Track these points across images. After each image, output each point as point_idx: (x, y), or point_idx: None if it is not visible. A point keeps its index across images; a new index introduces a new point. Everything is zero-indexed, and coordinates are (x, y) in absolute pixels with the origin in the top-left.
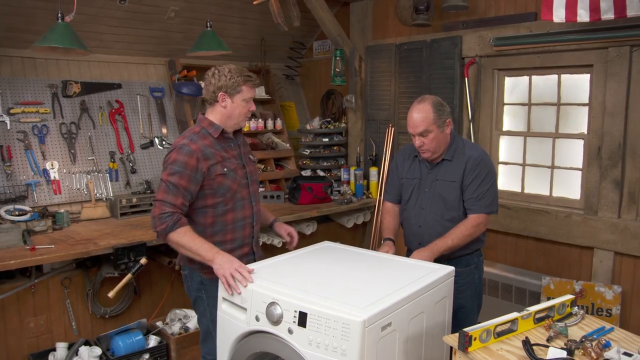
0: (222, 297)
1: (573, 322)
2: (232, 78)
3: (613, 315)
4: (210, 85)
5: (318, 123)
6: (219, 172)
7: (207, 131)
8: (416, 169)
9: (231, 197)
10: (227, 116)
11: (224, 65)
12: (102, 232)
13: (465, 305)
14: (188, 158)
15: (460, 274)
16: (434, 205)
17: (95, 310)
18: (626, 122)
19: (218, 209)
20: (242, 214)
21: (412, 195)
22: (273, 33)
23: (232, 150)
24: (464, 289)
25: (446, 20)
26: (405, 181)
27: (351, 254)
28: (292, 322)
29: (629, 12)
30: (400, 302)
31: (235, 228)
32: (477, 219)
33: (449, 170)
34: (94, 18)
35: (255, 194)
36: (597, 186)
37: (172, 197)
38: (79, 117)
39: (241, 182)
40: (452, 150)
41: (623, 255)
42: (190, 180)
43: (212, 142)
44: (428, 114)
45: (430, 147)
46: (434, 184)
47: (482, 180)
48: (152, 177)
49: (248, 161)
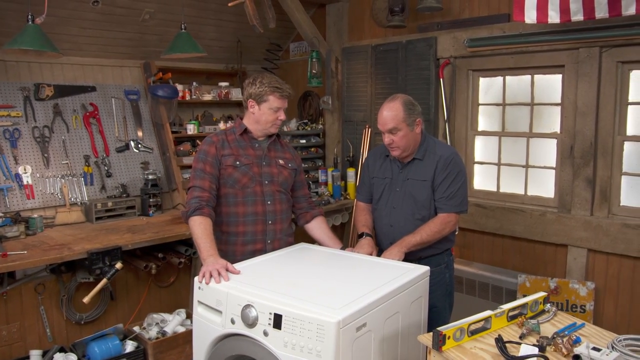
0: (197, 301)
1: (545, 319)
2: (261, 87)
3: (587, 311)
4: (245, 91)
5: (295, 125)
6: (229, 163)
7: (234, 129)
8: (387, 169)
9: (240, 190)
10: (255, 121)
11: (263, 74)
12: (77, 236)
13: (436, 304)
14: (209, 147)
15: (431, 273)
16: (405, 205)
17: (70, 316)
18: (597, 121)
19: (229, 199)
20: (253, 209)
21: (382, 195)
22: (249, 35)
23: (255, 150)
24: (435, 289)
25: (421, 21)
26: (376, 180)
27: (327, 255)
28: (268, 324)
29: (598, 14)
30: (375, 303)
31: (247, 222)
32: (447, 217)
33: (420, 169)
34: (67, 20)
35: (271, 194)
36: (570, 185)
37: (199, 181)
38: (52, 120)
39: (254, 178)
40: (422, 150)
41: (596, 252)
42: (212, 166)
43: (235, 139)
44: (398, 112)
45: (400, 144)
46: (405, 183)
47: (453, 180)
48: (128, 181)
49: (273, 164)
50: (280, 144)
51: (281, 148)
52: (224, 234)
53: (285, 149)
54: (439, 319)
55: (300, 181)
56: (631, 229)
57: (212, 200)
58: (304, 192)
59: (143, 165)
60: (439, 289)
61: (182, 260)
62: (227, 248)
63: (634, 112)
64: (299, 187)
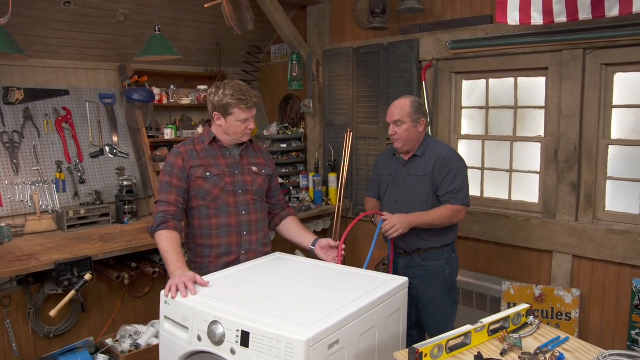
0: (163, 316)
1: (528, 333)
2: (224, 98)
3: (572, 318)
4: (208, 102)
5: (275, 129)
6: (199, 175)
7: (202, 138)
8: (392, 166)
9: (212, 201)
10: (224, 132)
11: (225, 82)
12: (46, 246)
13: (434, 299)
14: (175, 159)
15: (429, 267)
16: (405, 199)
17: (38, 330)
18: (581, 124)
19: (202, 212)
20: (226, 220)
21: (387, 190)
22: (228, 37)
23: (225, 159)
24: (433, 283)
25: (403, 23)
26: (382, 177)
27: (302, 266)
28: (235, 342)
29: (581, 15)
30: (349, 318)
31: (220, 234)
32: (457, 207)
33: (420, 165)
34: (36, 21)
35: (246, 204)
36: (554, 189)
37: (165, 196)
38: (23, 125)
39: (226, 189)
40: (423, 148)
41: (581, 258)
42: (179, 179)
43: (204, 148)
44: (405, 107)
45: (402, 137)
46: (407, 179)
47: (455, 175)
48: (103, 187)
49: (246, 172)
50: (253, 149)
51: (254, 153)
52: (198, 246)
53: (259, 154)
54: (439, 313)
55: (276, 187)
56: (616, 235)
57: (179, 213)
58: (279, 198)
59: (118, 171)
60: (438, 283)
61: (157, 270)
62: (201, 261)
63: (619, 115)
64: (274, 193)
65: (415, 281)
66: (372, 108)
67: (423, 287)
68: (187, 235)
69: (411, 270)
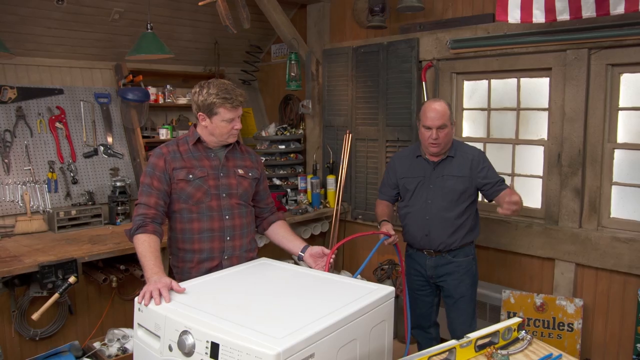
0: (137, 323)
1: (518, 349)
2: (208, 97)
3: (575, 329)
4: (193, 102)
5: (274, 129)
6: (181, 177)
7: (187, 139)
8: (418, 168)
9: (195, 205)
10: (209, 133)
11: (209, 82)
12: (33, 247)
13: (465, 294)
14: (157, 160)
15: (461, 264)
16: (439, 198)
17: (23, 332)
18: (585, 127)
19: (184, 215)
20: (209, 225)
21: (415, 192)
22: (227, 36)
23: (210, 161)
24: (464, 279)
25: (403, 22)
26: (406, 180)
27: (287, 273)
28: (205, 353)
29: (584, 13)
30: (326, 330)
31: (202, 239)
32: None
33: (454, 166)
34: (28, 19)
35: (230, 208)
36: (557, 195)
37: (145, 198)
38: (15, 124)
39: (209, 192)
40: (454, 149)
41: (584, 266)
42: (160, 181)
43: (187, 149)
44: (446, 111)
45: (442, 141)
46: (440, 180)
47: (490, 170)
48: (96, 188)
49: (231, 174)
50: (240, 151)
51: (241, 155)
52: (180, 250)
53: (246, 156)
54: (469, 308)
55: (264, 190)
56: (622, 243)
57: (159, 217)
58: (267, 202)
59: (112, 172)
60: (468, 278)
61: None
62: (183, 265)
63: (625, 118)
64: (262, 197)
65: (447, 278)
66: (372, 109)
67: (455, 283)
68: (170, 239)
69: (442, 268)
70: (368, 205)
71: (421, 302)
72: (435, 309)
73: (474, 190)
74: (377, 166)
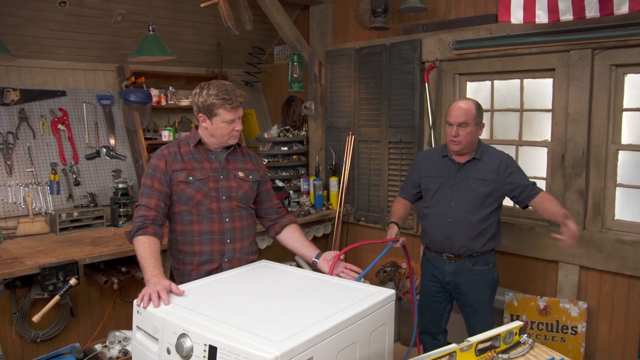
0: (136, 326)
1: (520, 353)
2: (208, 98)
3: (579, 333)
4: (193, 104)
5: (276, 131)
6: (181, 179)
7: (188, 140)
8: (443, 168)
9: (195, 207)
10: (210, 135)
11: (209, 83)
12: (35, 249)
13: (485, 302)
14: (158, 161)
15: (481, 272)
16: (463, 200)
17: (24, 334)
18: (589, 128)
19: (184, 217)
20: (209, 227)
21: (438, 192)
22: (230, 38)
23: (210, 163)
24: (484, 287)
25: (406, 23)
26: (428, 180)
27: (287, 275)
28: (203, 357)
29: (588, 13)
30: (325, 333)
31: (202, 241)
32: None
33: (480, 168)
34: (31, 21)
35: (230, 211)
36: (561, 196)
37: (146, 199)
38: (17, 126)
39: (209, 194)
40: (480, 152)
41: (588, 269)
42: (160, 182)
43: (188, 151)
44: (471, 110)
45: (463, 140)
46: (465, 181)
47: (519, 173)
48: (98, 190)
49: (231, 177)
50: (241, 153)
51: (242, 158)
52: (180, 252)
53: (247, 159)
54: (489, 316)
55: (267, 191)
56: (626, 245)
57: (160, 218)
58: (271, 203)
59: (115, 174)
60: (489, 287)
61: None
62: (183, 268)
63: (630, 119)
64: (265, 198)
65: (466, 286)
66: (374, 111)
67: (475, 291)
68: (170, 240)
69: (461, 275)
70: (371, 207)
71: (434, 308)
72: (447, 315)
73: (500, 195)
74: (379, 168)
